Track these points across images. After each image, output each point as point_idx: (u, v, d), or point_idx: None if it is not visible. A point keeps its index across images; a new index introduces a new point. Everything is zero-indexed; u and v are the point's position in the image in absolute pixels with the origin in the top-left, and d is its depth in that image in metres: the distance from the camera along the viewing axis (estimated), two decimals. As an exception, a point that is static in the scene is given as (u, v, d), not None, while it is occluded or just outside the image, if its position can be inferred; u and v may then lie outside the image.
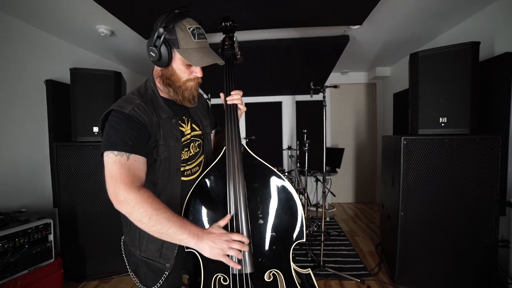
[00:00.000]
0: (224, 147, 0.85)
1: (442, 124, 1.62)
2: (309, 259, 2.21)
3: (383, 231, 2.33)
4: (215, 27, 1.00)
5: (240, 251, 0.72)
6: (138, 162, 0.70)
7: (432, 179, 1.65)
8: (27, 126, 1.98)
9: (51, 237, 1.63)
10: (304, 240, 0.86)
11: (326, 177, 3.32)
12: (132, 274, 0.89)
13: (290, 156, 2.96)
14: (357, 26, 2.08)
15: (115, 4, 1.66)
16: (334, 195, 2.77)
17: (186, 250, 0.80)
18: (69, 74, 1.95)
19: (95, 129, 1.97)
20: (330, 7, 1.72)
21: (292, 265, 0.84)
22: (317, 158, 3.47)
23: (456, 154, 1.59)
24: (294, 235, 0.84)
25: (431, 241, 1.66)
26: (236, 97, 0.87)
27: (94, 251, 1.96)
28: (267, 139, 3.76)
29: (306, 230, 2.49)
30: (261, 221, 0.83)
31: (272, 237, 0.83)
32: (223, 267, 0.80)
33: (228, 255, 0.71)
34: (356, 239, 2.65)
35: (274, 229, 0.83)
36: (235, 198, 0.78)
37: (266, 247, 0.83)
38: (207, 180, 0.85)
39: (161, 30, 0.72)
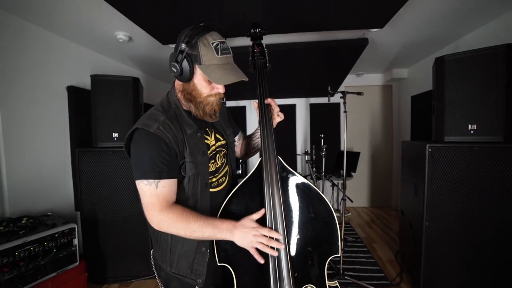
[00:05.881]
0: (260, 159, 0.84)
1: (472, 132, 1.55)
2: (327, 266, 2.17)
3: (403, 239, 2.27)
4: (230, 31, 0.98)
5: (270, 246, 0.74)
6: (167, 187, 0.74)
7: (460, 189, 1.58)
8: (49, 132, 2.02)
9: (75, 241, 1.67)
10: (339, 254, 0.85)
11: (342, 182, 3.27)
12: None
13: (307, 161, 2.92)
14: (377, 29, 2.03)
15: (135, 11, 1.68)
16: (352, 201, 2.72)
17: (218, 264, 0.80)
18: (89, 80, 2.00)
19: (115, 134, 2.00)
20: (352, 11, 1.68)
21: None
22: (332, 162, 3.43)
23: (487, 163, 1.52)
24: (330, 250, 0.84)
25: (459, 253, 1.59)
26: (271, 100, 0.88)
27: (114, 254, 2.00)
28: (280, 143, 3.72)
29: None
30: (297, 236, 0.82)
31: (307, 252, 0.83)
32: (258, 283, 0.80)
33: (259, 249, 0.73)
34: (374, 246, 2.59)
35: (310, 243, 0.83)
36: (273, 212, 0.77)
37: (302, 262, 0.83)
38: (242, 193, 0.84)
39: (183, 45, 0.70)
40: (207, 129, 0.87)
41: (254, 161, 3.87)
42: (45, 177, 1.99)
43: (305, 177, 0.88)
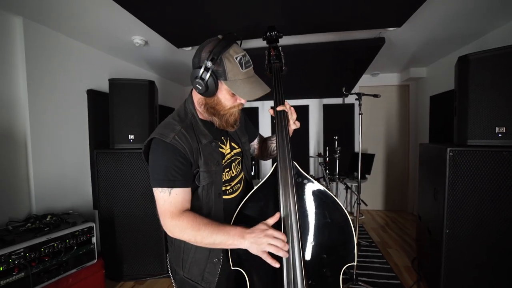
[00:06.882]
0: (275, 164, 0.83)
1: (500, 135, 1.46)
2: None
3: (421, 246, 2.18)
4: (247, 33, 0.97)
5: (283, 249, 0.72)
6: (180, 194, 0.75)
7: (485, 196, 1.49)
8: (70, 134, 2.11)
9: (94, 239, 1.74)
10: (355, 263, 0.82)
11: (355, 184, 3.20)
12: None
13: (320, 163, 2.87)
14: (394, 28, 1.96)
15: (151, 17, 1.72)
16: (366, 204, 2.65)
17: (232, 268, 0.80)
18: (107, 84, 2.07)
19: (131, 136, 2.06)
20: (370, 11, 1.63)
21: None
22: (346, 164, 3.36)
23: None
24: (345, 258, 0.81)
25: (482, 263, 1.51)
26: (284, 105, 0.87)
27: (130, 253, 2.06)
28: (293, 145, 3.67)
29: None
30: (312, 243, 0.81)
31: (322, 259, 0.81)
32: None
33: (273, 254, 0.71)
34: (389, 251, 2.51)
35: (324, 250, 0.81)
36: (287, 218, 0.76)
37: (316, 269, 0.81)
38: (256, 198, 0.84)
39: (209, 63, 0.70)
40: (222, 138, 0.88)
41: (267, 162, 3.86)
42: (66, 176, 2.08)
43: (318, 179, 0.86)
